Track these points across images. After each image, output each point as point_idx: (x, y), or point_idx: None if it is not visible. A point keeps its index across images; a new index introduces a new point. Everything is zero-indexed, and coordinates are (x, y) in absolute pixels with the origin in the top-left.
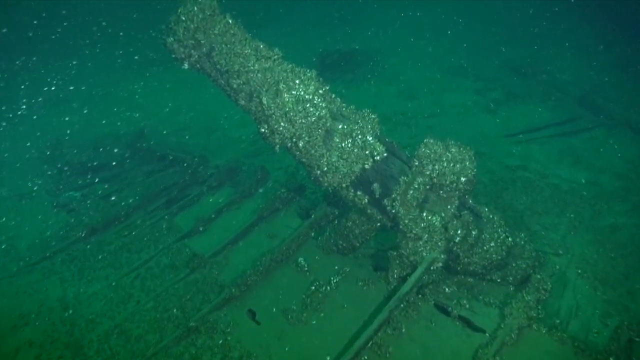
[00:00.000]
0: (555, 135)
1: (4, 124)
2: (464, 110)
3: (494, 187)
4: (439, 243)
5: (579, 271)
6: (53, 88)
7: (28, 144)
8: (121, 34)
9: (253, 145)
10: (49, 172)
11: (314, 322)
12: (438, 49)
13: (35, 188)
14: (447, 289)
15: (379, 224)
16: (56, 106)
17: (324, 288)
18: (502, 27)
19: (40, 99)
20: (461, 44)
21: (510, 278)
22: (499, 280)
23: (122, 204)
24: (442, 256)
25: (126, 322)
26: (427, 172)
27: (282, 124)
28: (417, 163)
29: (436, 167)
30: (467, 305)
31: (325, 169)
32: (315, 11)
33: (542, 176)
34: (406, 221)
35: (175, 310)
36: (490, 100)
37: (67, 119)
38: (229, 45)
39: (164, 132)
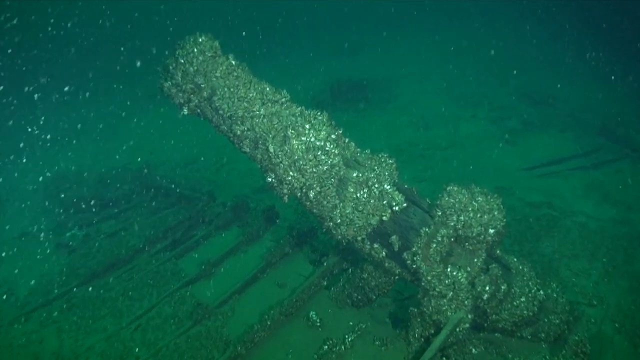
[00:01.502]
0: (578, 168)
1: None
2: (479, 140)
3: (517, 227)
4: (466, 301)
5: (617, 325)
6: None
7: (29, 180)
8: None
9: (262, 179)
10: (51, 210)
11: None
12: (450, 77)
13: (36, 227)
14: (473, 350)
15: (397, 277)
16: (57, 140)
17: (337, 347)
18: (512, 54)
19: (41, 133)
20: (473, 72)
21: (543, 335)
22: (529, 337)
23: (125, 245)
24: (469, 316)
25: None
26: (451, 223)
27: (290, 173)
28: (439, 213)
29: (461, 217)
30: None
31: (339, 221)
32: (327, 42)
33: (569, 214)
34: (429, 277)
35: None
36: (506, 130)
37: (69, 153)
38: (232, 89)
39: (171, 165)
